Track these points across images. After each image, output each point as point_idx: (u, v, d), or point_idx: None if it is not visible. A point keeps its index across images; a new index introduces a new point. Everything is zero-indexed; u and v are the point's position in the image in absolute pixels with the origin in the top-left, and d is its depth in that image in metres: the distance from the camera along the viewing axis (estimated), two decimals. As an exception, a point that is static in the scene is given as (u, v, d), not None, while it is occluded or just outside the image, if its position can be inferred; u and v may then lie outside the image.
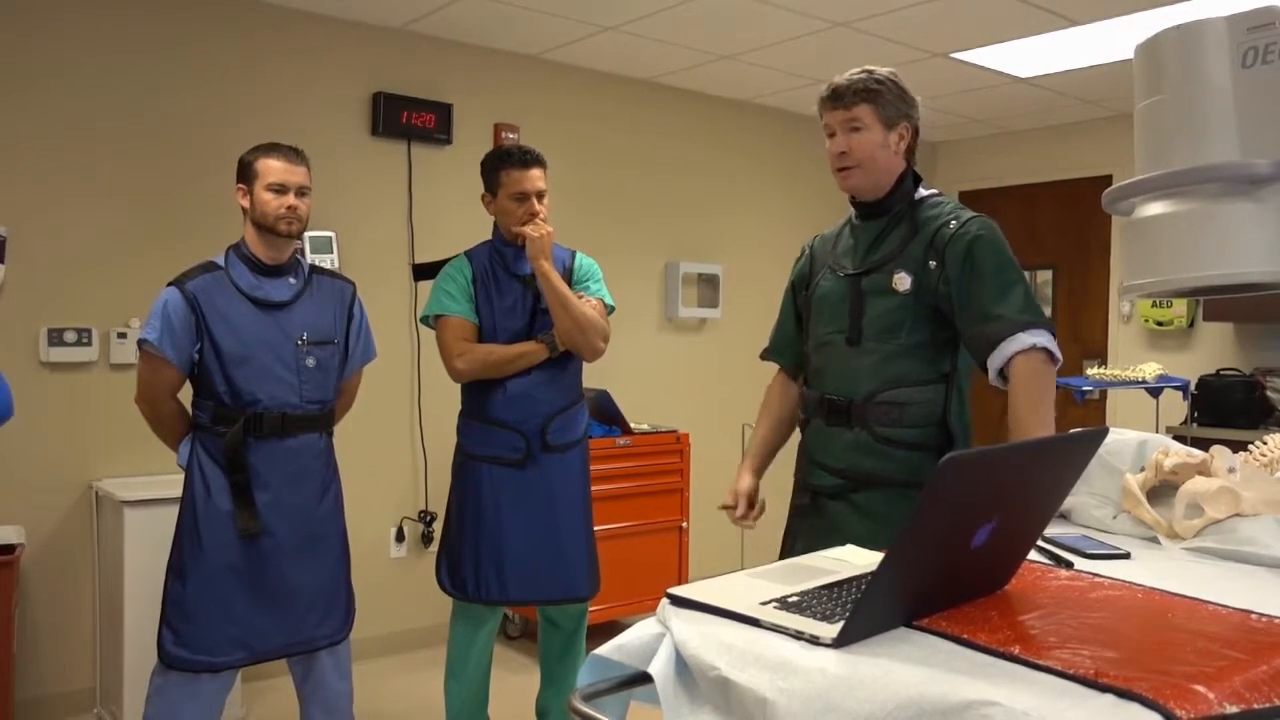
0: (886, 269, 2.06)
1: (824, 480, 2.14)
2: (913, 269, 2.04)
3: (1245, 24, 1.59)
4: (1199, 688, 0.94)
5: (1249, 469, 1.82)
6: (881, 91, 2.06)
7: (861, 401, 2.06)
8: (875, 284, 2.07)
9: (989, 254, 1.99)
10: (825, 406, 2.12)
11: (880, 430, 2.05)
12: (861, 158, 2.08)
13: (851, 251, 2.15)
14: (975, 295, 1.98)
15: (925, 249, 2.03)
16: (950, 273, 1.99)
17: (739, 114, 5.40)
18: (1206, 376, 4.96)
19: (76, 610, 3.52)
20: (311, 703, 2.71)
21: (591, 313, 2.84)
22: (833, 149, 2.12)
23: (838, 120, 2.10)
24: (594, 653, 1.29)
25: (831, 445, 2.12)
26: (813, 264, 2.26)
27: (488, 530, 2.84)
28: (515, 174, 2.82)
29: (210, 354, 2.50)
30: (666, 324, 5.18)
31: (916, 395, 2.04)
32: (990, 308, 1.96)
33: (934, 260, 2.01)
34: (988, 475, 1.13)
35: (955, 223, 2.03)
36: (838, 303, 2.13)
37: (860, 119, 2.07)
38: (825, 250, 2.24)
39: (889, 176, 2.11)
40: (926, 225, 2.07)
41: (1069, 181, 5.76)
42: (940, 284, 2.01)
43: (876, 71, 2.08)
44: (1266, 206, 1.58)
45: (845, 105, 2.07)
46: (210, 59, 3.78)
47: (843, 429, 2.09)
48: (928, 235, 2.05)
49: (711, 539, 5.08)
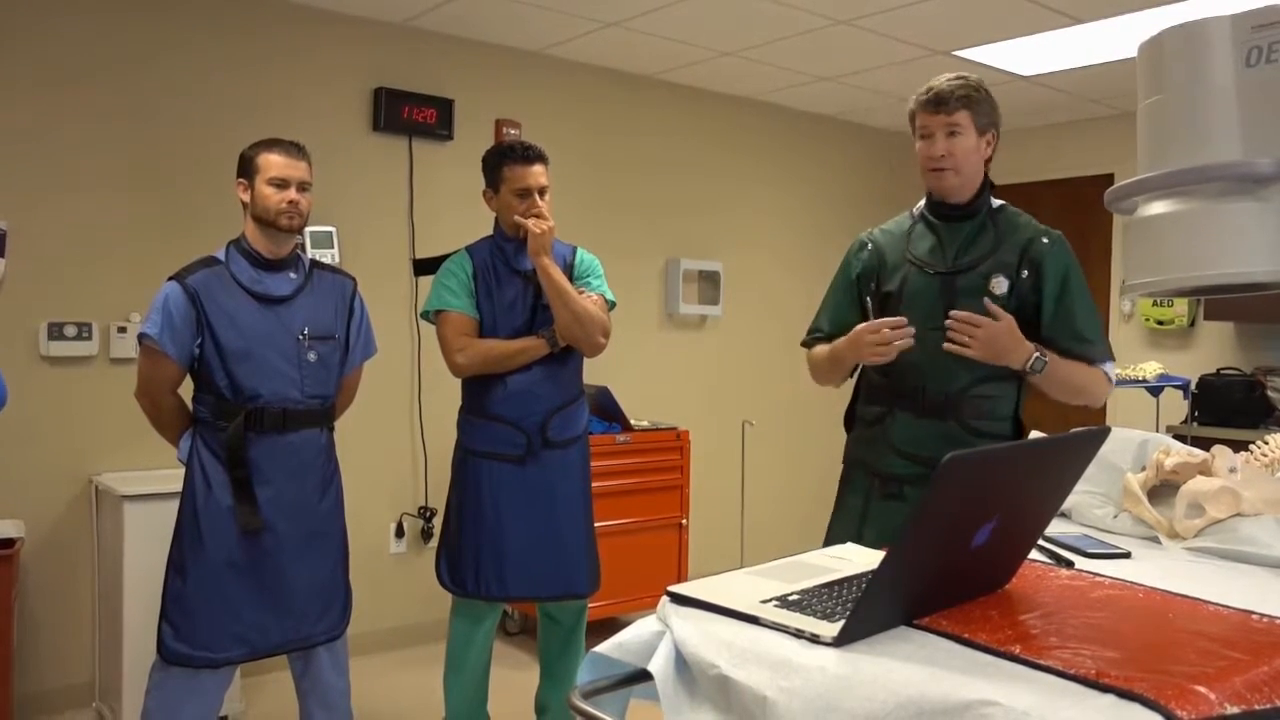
0: (980, 271, 2.18)
1: (908, 469, 2.21)
2: (1008, 274, 2.17)
3: (1249, 23, 1.58)
4: (1200, 688, 0.94)
5: (1250, 469, 1.82)
6: (978, 99, 2.19)
7: (956, 394, 2.17)
8: (970, 284, 2.18)
9: (1080, 278, 2.21)
10: (919, 398, 2.20)
11: (971, 422, 2.18)
12: (959, 161, 2.19)
13: (938, 251, 2.24)
14: (1069, 312, 2.16)
15: (1019, 258, 2.18)
16: (1046, 286, 2.16)
17: (741, 111, 5.39)
18: (1207, 376, 4.96)
19: (76, 605, 3.52)
20: (310, 698, 2.71)
21: (592, 308, 2.84)
22: (932, 151, 2.20)
23: (938, 124, 2.19)
24: (594, 650, 1.29)
25: (923, 436, 2.19)
26: (881, 259, 2.31)
27: (488, 526, 2.84)
28: (517, 170, 2.82)
29: (211, 349, 2.50)
30: (667, 321, 5.17)
31: (999, 390, 2.19)
32: (1084, 330, 2.17)
33: (1027, 270, 2.17)
34: (989, 475, 1.13)
35: (1048, 240, 2.20)
36: (931, 300, 2.20)
37: (959, 124, 2.18)
38: (894, 246, 2.31)
39: (976, 180, 2.24)
40: (1014, 233, 2.21)
41: (1071, 180, 5.75)
42: (1030, 292, 2.17)
43: (970, 79, 2.21)
44: (1269, 206, 1.57)
45: (947, 110, 2.17)
46: (211, 54, 3.77)
47: (935, 420, 2.19)
48: (1018, 244, 2.19)
49: (711, 536, 5.08)
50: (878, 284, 2.30)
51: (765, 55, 4.55)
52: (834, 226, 5.50)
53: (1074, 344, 2.14)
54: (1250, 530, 1.60)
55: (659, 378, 5.07)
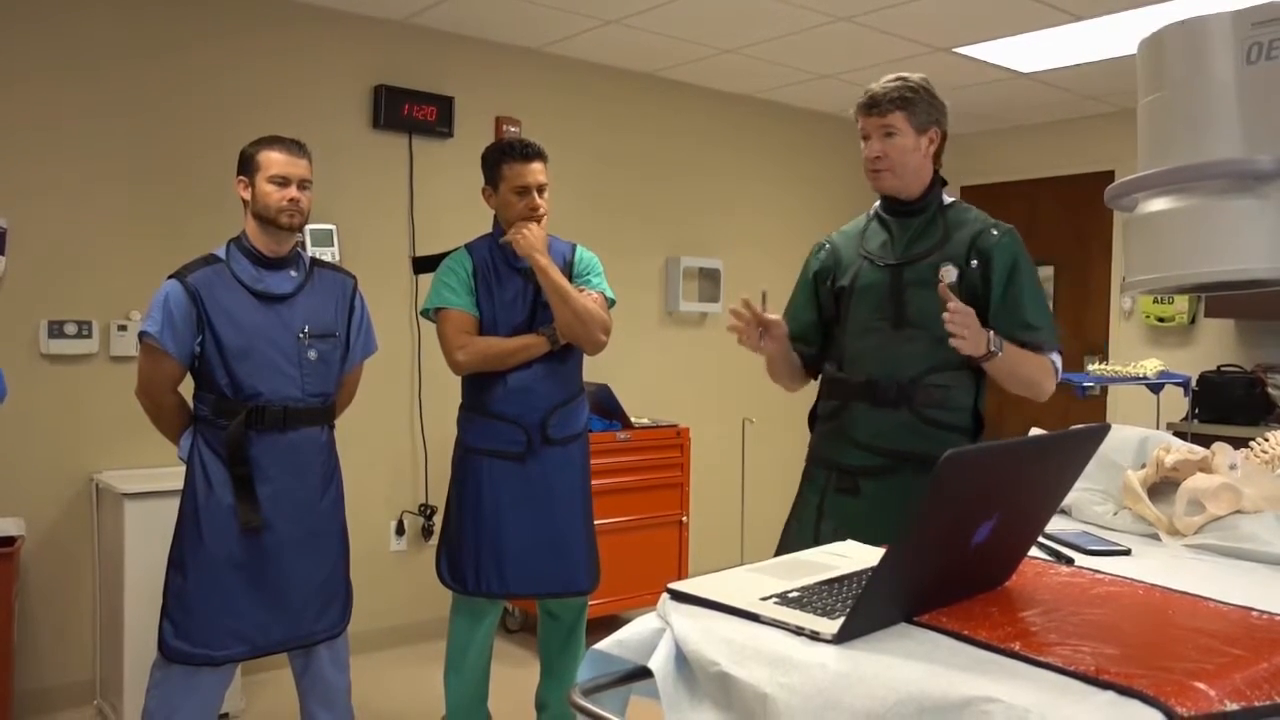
0: (929, 262, 2.21)
1: (866, 460, 2.22)
2: (956, 263, 2.19)
3: (1249, 19, 1.58)
4: (1200, 685, 0.94)
5: (1250, 466, 1.82)
6: (914, 99, 2.20)
7: (908, 384, 2.19)
8: (919, 274, 2.21)
9: (1029, 268, 2.22)
10: (872, 389, 2.21)
11: (925, 411, 2.18)
12: (894, 161, 2.21)
13: (888, 245, 2.28)
14: (1016, 300, 2.18)
15: (967, 248, 2.20)
16: (994, 275, 2.18)
17: (741, 108, 5.39)
18: (1207, 373, 4.96)
19: (77, 602, 3.52)
20: (310, 696, 2.71)
21: (592, 305, 2.84)
22: (868, 153, 2.24)
23: (874, 126, 2.22)
24: (594, 647, 1.29)
25: (878, 426, 2.21)
26: (837, 257, 2.36)
27: (488, 524, 2.84)
28: (516, 168, 2.81)
29: (212, 347, 2.50)
30: (667, 318, 5.18)
31: (954, 379, 2.19)
32: (1031, 318, 2.17)
33: (976, 260, 2.19)
34: (989, 472, 1.13)
35: (997, 231, 2.23)
36: (882, 291, 2.24)
37: (894, 125, 2.20)
38: (850, 245, 2.36)
39: (919, 178, 2.25)
40: (962, 227, 2.24)
41: (1071, 177, 5.75)
42: (979, 282, 2.19)
43: (910, 79, 2.22)
44: (1269, 203, 1.57)
45: (880, 112, 2.20)
46: (211, 51, 3.77)
47: (890, 410, 2.20)
48: (967, 236, 2.22)
49: (712, 533, 5.08)
50: (833, 280, 2.34)
51: (765, 52, 4.55)
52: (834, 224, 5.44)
53: (1021, 331, 2.15)
54: (1250, 527, 1.60)
55: (659, 375, 5.07)
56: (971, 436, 2.23)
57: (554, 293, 2.78)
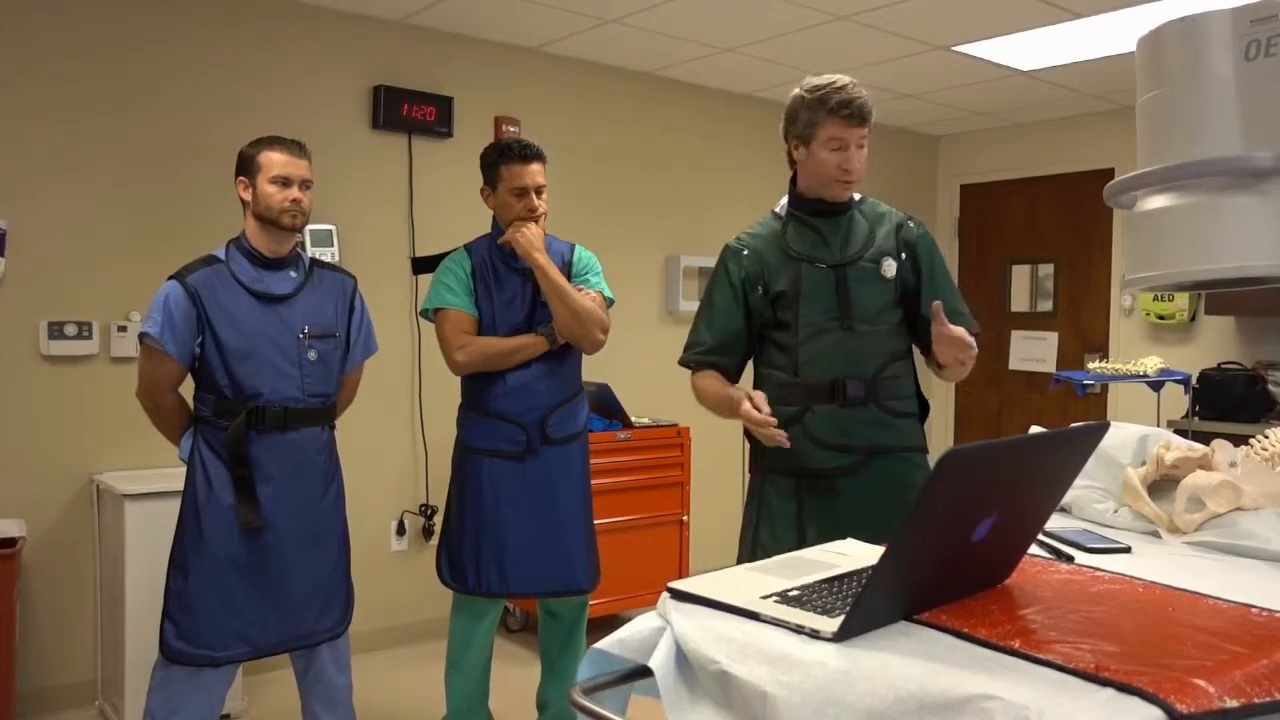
0: (869, 258, 2.27)
1: (837, 460, 2.22)
2: (892, 257, 2.27)
3: (1248, 16, 1.58)
4: (1200, 682, 0.94)
5: (1250, 463, 1.82)
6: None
7: (871, 379, 2.23)
8: (862, 272, 2.26)
9: (941, 255, 2.36)
10: (838, 389, 2.21)
11: (886, 403, 2.25)
12: (861, 174, 2.26)
13: (821, 245, 2.29)
14: (942, 289, 2.29)
15: (895, 243, 2.29)
16: (922, 266, 2.29)
17: (741, 107, 5.39)
18: (1208, 370, 4.96)
19: (78, 603, 3.53)
20: (312, 695, 2.71)
21: (590, 304, 2.84)
22: (849, 164, 2.22)
23: (855, 137, 2.21)
24: (594, 646, 1.29)
25: (847, 425, 2.22)
26: (762, 262, 2.31)
27: (488, 523, 2.84)
28: (515, 168, 2.82)
29: (212, 347, 2.50)
30: (667, 317, 5.17)
31: (902, 369, 2.29)
32: (959, 305, 2.28)
33: (904, 253, 2.29)
34: (988, 470, 1.13)
35: (912, 223, 2.33)
36: (828, 292, 2.25)
37: (866, 136, 2.24)
38: (770, 247, 2.33)
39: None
40: (881, 221, 2.32)
41: (1071, 175, 5.75)
42: (909, 273, 2.29)
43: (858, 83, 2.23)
44: (1269, 200, 1.57)
45: (863, 124, 2.20)
46: (211, 51, 3.77)
47: (858, 408, 2.22)
48: (890, 229, 2.30)
49: (712, 533, 5.08)
50: (765, 286, 2.29)
51: (764, 51, 4.55)
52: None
53: (954, 317, 2.18)
54: (1250, 525, 1.60)
55: (659, 374, 5.06)
56: (920, 420, 2.34)
57: (552, 292, 2.78)
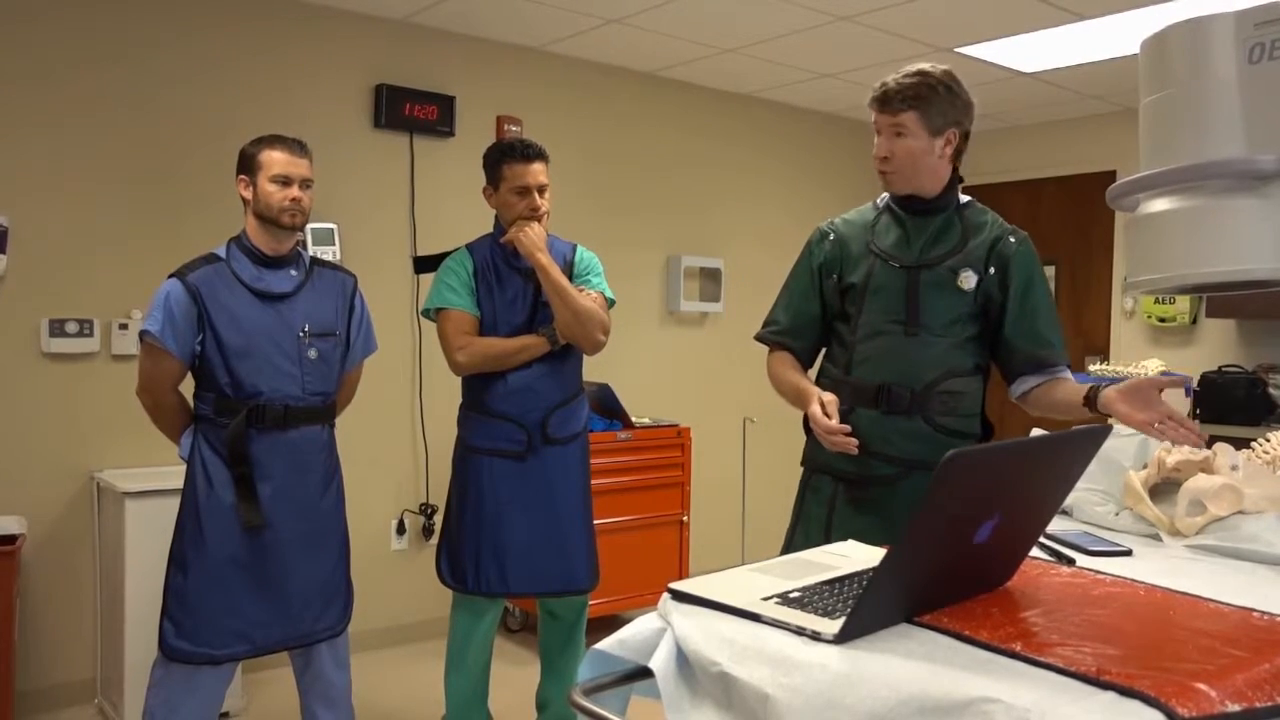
0: (948, 265, 2.11)
1: (876, 469, 2.12)
2: (976, 269, 2.11)
3: (1252, 19, 1.58)
4: (1201, 685, 0.94)
5: (1251, 466, 1.81)
6: (930, 97, 2.05)
7: (922, 391, 2.09)
8: (937, 278, 2.11)
9: (1043, 279, 2.16)
10: (884, 395, 2.11)
11: (938, 420, 2.10)
12: (902, 164, 2.09)
13: (903, 244, 2.15)
14: (1031, 314, 2.12)
15: (986, 254, 2.12)
16: (1012, 285, 2.11)
17: (742, 108, 5.39)
18: (1209, 373, 4.95)
19: (77, 601, 3.52)
20: (311, 694, 2.71)
21: (591, 305, 2.84)
22: (876, 151, 2.12)
23: (884, 124, 2.09)
24: (595, 647, 1.29)
25: (888, 434, 2.11)
26: (844, 250, 2.22)
27: (488, 522, 2.84)
28: (517, 168, 2.81)
29: (212, 346, 2.50)
30: (668, 317, 5.17)
31: (965, 385, 2.12)
32: (1046, 333, 2.13)
33: (993, 267, 2.11)
34: (991, 472, 1.12)
35: (1014, 239, 2.15)
36: (896, 293, 2.13)
37: (905, 125, 2.06)
38: (858, 237, 2.21)
39: (934, 179, 2.13)
40: (980, 231, 2.14)
41: (1073, 177, 5.74)
42: (996, 290, 2.12)
43: (930, 74, 2.07)
44: (1271, 203, 1.57)
45: (892, 110, 2.07)
46: (212, 50, 3.77)
47: (901, 418, 2.10)
48: (985, 241, 2.13)
49: (712, 533, 5.08)
50: (840, 275, 2.21)
51: (767, 52, 4.55)
52: (835, 223, 5.48)
53: (1037, 346, 2.11)
54: (1252, 528, 1.60)
55: (660, 375, 5.07)
56: (981, 442, 2.15)
57: (554, 292, 2.78)
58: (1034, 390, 2.14)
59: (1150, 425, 1.81)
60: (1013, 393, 2.18)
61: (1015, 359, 2.13)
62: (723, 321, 5.32)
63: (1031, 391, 2.14)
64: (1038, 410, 2.17)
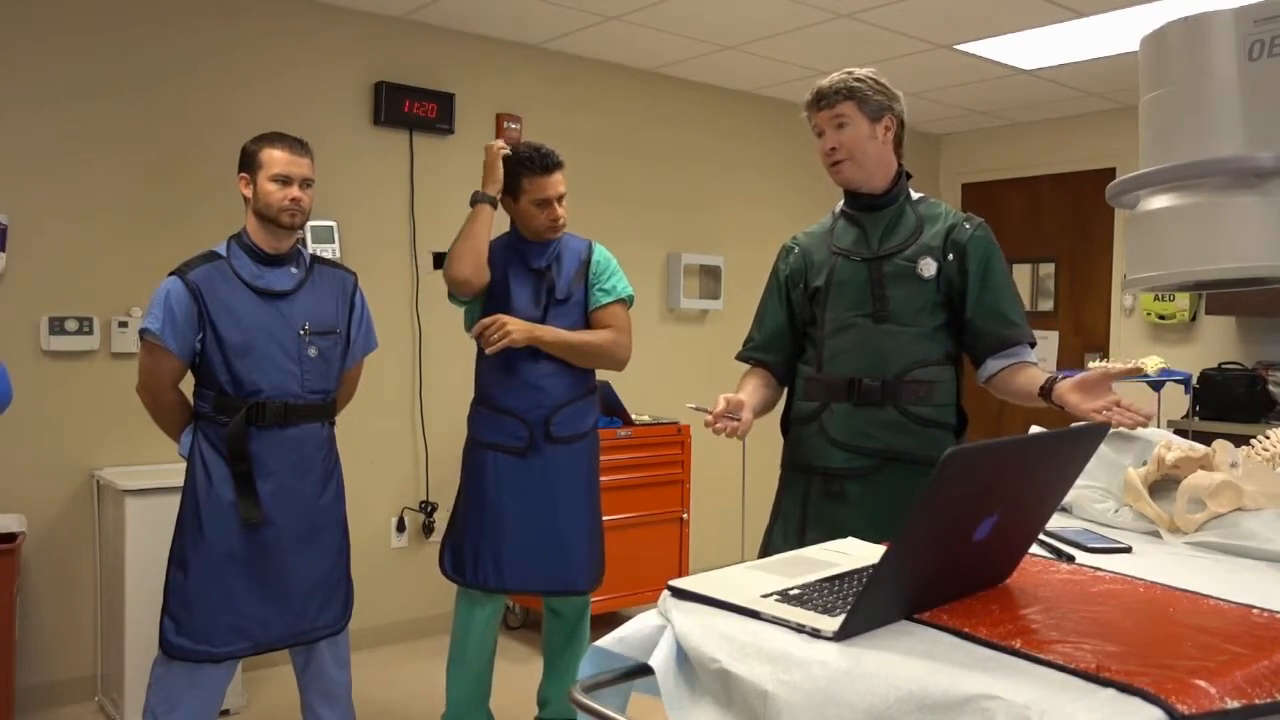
0: (907, 255, 2.18)
1: (849, 462, 2.17)
2: (934, 256, 2.17)
3: (1252, 16, 1.58)
4: (1201, 682, 0.94)
5: (1251, 463, 1.81)
6: (860, 88, 2.18)
7: (892, 380, 2.14)
8: (898, 268, 2.18)
9: (1001, 261, 2.22)
10: (854, 387, 2.16)
11: (910, 409, 2.14)
12: (851, 150, 2.19)
13: (861, 240, 2.24)
14: (992, 294, 2.17)
15: (943, 241, 2.18)
16: (970, 268, 2.17)
17: (742, 105, 5.39)
18: (1208, 370, 4.95)
19: (78, 598, 3.53)
20: (311, 691, 2.72)
21: (600, 339, 2.89)
22: (823, 146, 2.23)
23: (825, 120, 2.21)
24: (595, 644, 1.29)
25: (862, 425, 2.16)
26: (807, 259, 2.32)
27: (489, 517, 2.85)
28: (538, 180, 2.82)
29: (212, 344, 2.50)
30: (668, 315, 5.17)
31: (936, 375, 2.17)
32: (1006, 312, 2.17)
33: (952, 254, 2.17)
34: (990, 470, 1.12)
35: (969, 224, 2.21)
36: (859, 287, 2.20)
37: (845, 115, 2.18)
38: (819, 245, 2.32)
39: (882, 167, 2.22)
40: (935, 221, 2.22)
41: (1072, 174, 5.74)
42: (955, 275, 2.17)
43: (854, 72, 2.21)
44: (1271, 200, 1.57)
45: (830, 104, 2.19)
46: (212, 47, 3.77)
47: (874, 408, 2.15)
48: (942, 229, 2.20)
49: (712, 531, 5.08)
50: (806, 283, 2.29)
51: (766, 49, 4.55)
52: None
53: (997, 325, 2.15)
54: (1251, 525, 1.60)
55: (660, 372, 5.07)
56: (957, 433, 2.20)
57: (563, 351, 2.84)
58: (999, 374, 2.19)
59: (1099, 412, 1.90)
60: (979, 376, 2.23)
61: (981, 341, 2.18)
62: (723, 319, 5.32)
63: (997, 374, 2.19)
64: (1002, 395, 2.22)
